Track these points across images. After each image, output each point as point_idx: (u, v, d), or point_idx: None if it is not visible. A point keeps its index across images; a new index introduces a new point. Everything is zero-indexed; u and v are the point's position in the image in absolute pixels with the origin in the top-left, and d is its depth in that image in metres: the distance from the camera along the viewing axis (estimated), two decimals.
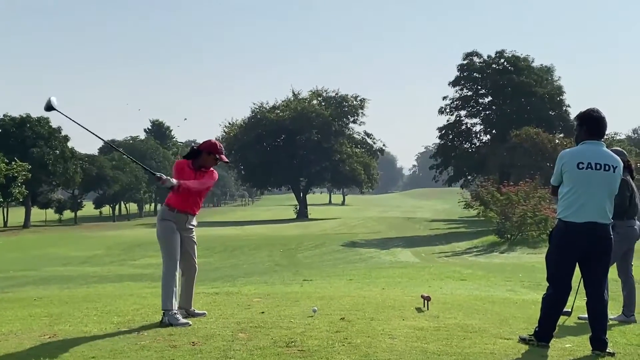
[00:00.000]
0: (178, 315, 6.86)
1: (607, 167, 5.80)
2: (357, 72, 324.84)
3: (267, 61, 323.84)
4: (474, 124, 71.88)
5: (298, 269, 22.48)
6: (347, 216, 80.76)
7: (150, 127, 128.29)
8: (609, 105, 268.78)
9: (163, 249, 7.04)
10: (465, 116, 71.73)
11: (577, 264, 5.90)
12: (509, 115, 65.32)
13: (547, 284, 6.01)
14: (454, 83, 70.22)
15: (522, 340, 6.05)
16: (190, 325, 6.73)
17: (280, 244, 38.26)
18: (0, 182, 65.61)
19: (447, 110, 71.37)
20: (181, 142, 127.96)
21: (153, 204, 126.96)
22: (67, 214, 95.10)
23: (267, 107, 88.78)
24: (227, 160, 7.46)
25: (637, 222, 8.01)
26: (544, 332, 5.94)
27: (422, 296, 8.30)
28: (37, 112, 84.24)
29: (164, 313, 6.85)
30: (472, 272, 17.11)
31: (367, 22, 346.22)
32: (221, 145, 7.39)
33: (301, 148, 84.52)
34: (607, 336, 5.81)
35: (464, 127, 71.95)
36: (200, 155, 7.22)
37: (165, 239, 7.04)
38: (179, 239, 7.09)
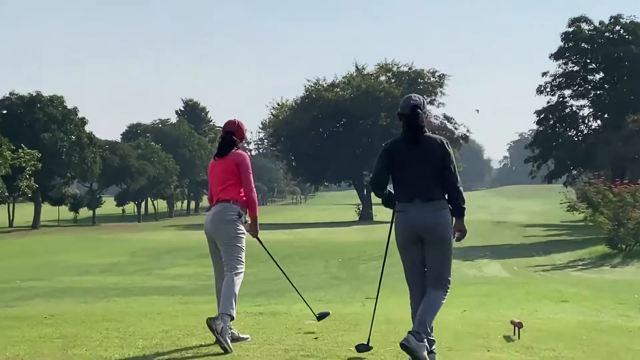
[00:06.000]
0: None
1: None
2: (434, 42, 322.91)
3: (324, 27, 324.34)
4: (581, 107, 70.83)
5: (359, 284, 22.49)
6: None
7: (182, 109, 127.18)
8: None
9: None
10: (570, 97, 70.69)
11: None
12: (625, 96, 64.04)
13: None
14: (556, 56, 69.18)
15: None
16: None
17: (339, 253, 38.27)
18: (6, 174, 65.68)
19: (548, 90, 70.37)
20: (219, 127, 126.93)
21: (185, 202, 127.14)
22: (84, 212, 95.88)
23: (324, 85, 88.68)
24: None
25: None
26: None
27: (512, 322, 8.24)
28: (48, 89, 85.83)
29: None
30: (577, 291, 16.90)
31: None
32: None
33: (366, 135, 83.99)
34: None
35: (568, 110, 70.90)
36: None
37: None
38: None
